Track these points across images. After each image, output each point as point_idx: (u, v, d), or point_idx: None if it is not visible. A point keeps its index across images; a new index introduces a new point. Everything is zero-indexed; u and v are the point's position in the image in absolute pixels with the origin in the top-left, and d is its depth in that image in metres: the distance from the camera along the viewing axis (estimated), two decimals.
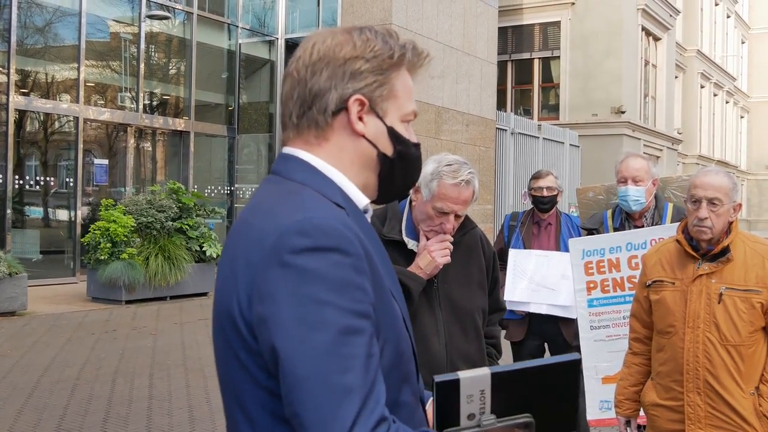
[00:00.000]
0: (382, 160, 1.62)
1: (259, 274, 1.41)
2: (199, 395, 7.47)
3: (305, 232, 1.40)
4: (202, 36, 17.78)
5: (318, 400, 1.33)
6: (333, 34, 1.61)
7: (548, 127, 24.07)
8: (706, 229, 3.34)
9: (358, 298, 1.40)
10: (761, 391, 3.34)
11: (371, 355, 1.39)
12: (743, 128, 52.04)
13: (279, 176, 1.61)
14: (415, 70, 1.68)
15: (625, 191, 4.64)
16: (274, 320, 1.37)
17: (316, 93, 1.57)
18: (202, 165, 18.14)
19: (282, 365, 1.36)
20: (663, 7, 30.71)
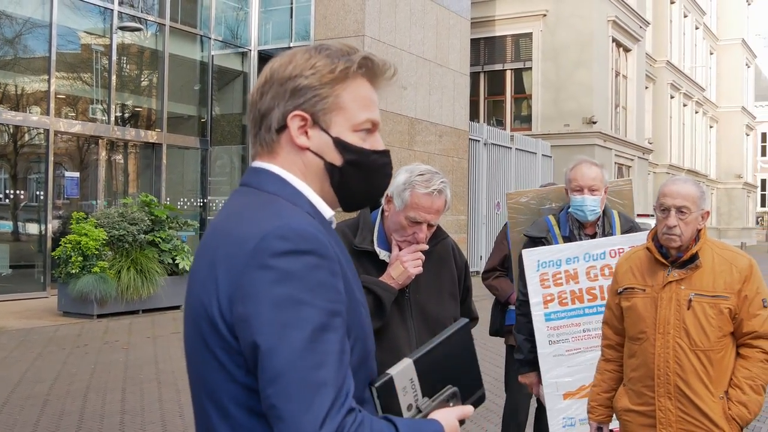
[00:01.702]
0: (331, 170, 1.69)
1: (241, 276, 1.49)
2: (172, 409, 7.42)
3: (285, 237, 1.50)
4: (174, 47, 17.73)
5: (295, 393, 1.43)
6: (284, 55, 1.72)
7: (521, 137, 24.24)
8: (675, 237, 3.39)
9: (333, 298, 1.51)
10: (730, 395, 3.39)
11: (343, 352, 1.50)
12: (712, 138, 52.63)
13: (250, 187, 1.69)
14: (377, 80, 1.75)
15: (582, 201, 4.45)
16: (255, 319, 1.46)
17: (263, 113, 1.69)
18: (174, 177, 18.06)
19: (261, 361, 1.45)
20: (633, 18, 31.07)
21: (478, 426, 7.23)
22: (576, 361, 4.45)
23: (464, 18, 20.27)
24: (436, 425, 1.66)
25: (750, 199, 58.62)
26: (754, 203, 60.93)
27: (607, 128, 28.42)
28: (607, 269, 4.42)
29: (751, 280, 3.42)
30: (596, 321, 4.41)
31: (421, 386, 1.71)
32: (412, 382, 1.70)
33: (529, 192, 5.12)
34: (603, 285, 4.42)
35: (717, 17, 52.79)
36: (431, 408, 1.70)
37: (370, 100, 1.72)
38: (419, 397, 1.70)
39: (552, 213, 4.73)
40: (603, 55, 28.16)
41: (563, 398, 4.44)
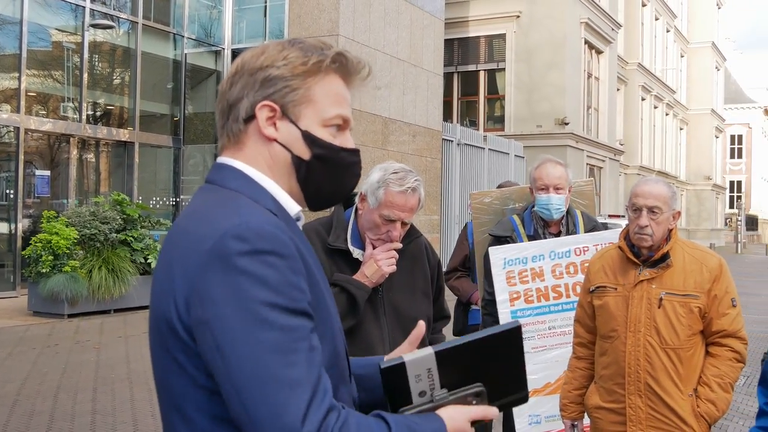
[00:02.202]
0: (297, 164, 1.66)
1: (197, 278, 1.45)
2: (144, 409, 7.38)
3: (242, 236, 1.45)
4: (147, 46, 17.61)
5: (269, 395, 1.38)
6: (256, 47, 1.69)
7: (494, 138, 24.31)
8: (646, 236, 3.44)
9: (296, 297, 1.46)
10: (699, 392, 3.44)
11: (313, 348, 1.45)
12: (682, 140, 53.13)
13: (213, 185, 1.66)
14: (351, 78, 1.72)
15: (547, 200, 4.50)
16: (216, 322, 1.41)
17: (232, 103, 1.65)
18: (146, 176, 17.95)
19: (227, 366, 1.41)
20: (605, 21, 31.28)
21: None
22: (542, 358, 4.50)
23: (438, 18, 20.30)
24: (439, 423, 1.60)
25: (719, 200, 59.25)
26: (722, 205, 61.60)
27: (579, 129, 28.59)
28: (573, 267, 4.48)
29: (720, 280, 3.48)
30: (562, 318, 4.48)
31: (443, 377, 1.64)
32: (430, 371, 1.63)
33: (492, 192, 5.18)
34: (568, 283, 4.48)
35: (688, 20, 53.29)
36: (447, 401, 1.64)
37: (342, 97, 1.70)
38: (436, 387, 1.64)
39: (516, 212, 4.78)
40: (575, 56, 28.33)
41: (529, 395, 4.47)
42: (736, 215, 56.99)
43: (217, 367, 1.43)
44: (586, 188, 5.14)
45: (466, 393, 1.65)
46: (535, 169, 4.64)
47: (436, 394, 1.64)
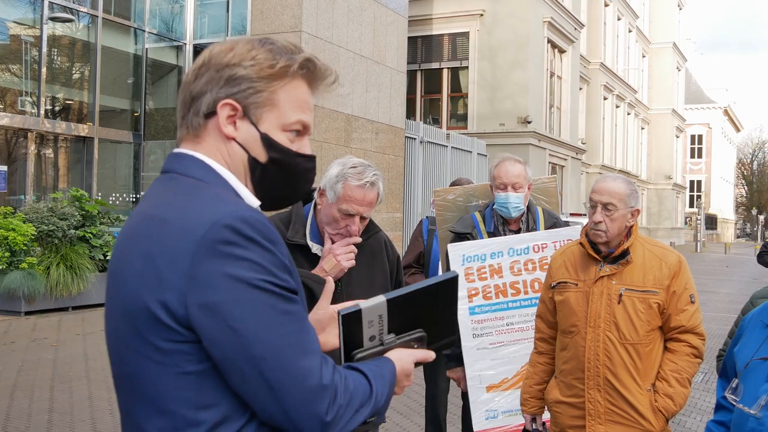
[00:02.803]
0: (253, 165, 1.68)
1: (194, 267, 1.47)
2: (102, 407, 7.29)
3: (235, 225, 1.49)
4: (107, 40, 17.40)
5: (289, 363, 1.49)
6: (225, 42, 1.71)
7: (456, 136, 24.37)
8: (600, 232, 3.49)
9: (289, 279, 1.55)
10: (657, 387, 3.48)
11: (307, 320, 1.59)
12: (644, 139, 53.71)
13: (174, 173, 1.66)
14: (316, 84, 1.74)
15: (505, 198, 4.53)
16: (225, 306, 1.46)
17: (194, 96, 1.67)
18: (106, 172, 17.73)
19: (243, 343, 1.47)
20: (568, 20, 31.51)
21: (409, 420, 7.29)
22: (499, 354, 4.54)
23: (402, 16, 20.30)
24: (391, 365, 1.75)
25: (679, 199, 59.99)
26: (683, 204, 62.38)
27: (542, 128, 28.77)
28: (531, 264, 4.52)
29: (679, 276, 3.52)
30: (519, 315, 4.52)
31: (390, 323, 1.80)
32: (381, 318, 1.78)
33: (455, 189, 5.20)
34: (526, 279, 4.53)
35: (649, 21, 53.86)
36: (394, 344, 1.80)
37: (305, 103, 1.71)
38: (385, 332, 1.79)
39: (478, 210, 4.81)
40: (538, 55, 28.49)
41: (486, 391, 4.52)
42: (695, 214, 57.79)
43: (229, 346, 1.48)
44: (549, 185, 5.17)
45: (410, 338, 1.84)
46: (494, 167, 4.67)
47: (384, 339, 1.80)
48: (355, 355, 1.75)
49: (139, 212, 1.64)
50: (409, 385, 1.84)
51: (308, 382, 1.49)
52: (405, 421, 7.27)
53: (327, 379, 1.52)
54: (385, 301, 1.78)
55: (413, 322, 1.85)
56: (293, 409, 1.49)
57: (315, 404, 1.50)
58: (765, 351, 2.67)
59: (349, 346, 1.76)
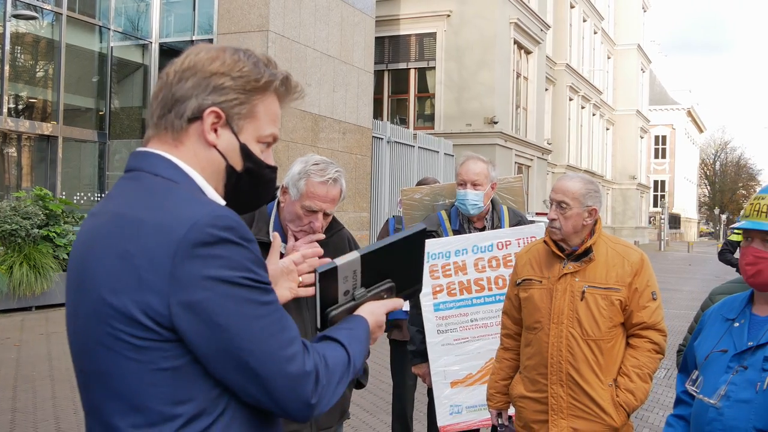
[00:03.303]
0: (229, 173, 1.74)
1: (176, 267, 1.51)
2: (66, 407, 7.23)
3: (214, 224, 1.54)
4: (71, 38, 17.22)
5: (274, 353, 1.56)
6: (210, 49, 1.74)
7: (424, 136, 24.43)
8: (555, 230, 3.57)
9: (265, 276, 1.61)
10: (618, 382, 3.53)
11: (284, 311, 1.65)
12: (608, 140, 54.18)
13: (142, 172, 1.68)
14: (285, 100, 1.81)
15: (464, 195, 4.60)
16: (209, 303, 1.51)
17: (178, 98, 1.69)
18: (70, 171, 17.55)
19: (228, 337, 1.53)
20: (534, 21, 31.70)
21: (375, 417, 7.31)
22: (463, 350, 4.59)
23: (369, 16, 20.32)
24: (364, 323, 1.86)
25: (643, 199, 60.63)
26: (647, 203, 63.06)
27: (508, 128, 28.92)
28: (495, 261, 4.57)
29: (641, 274, 3.58)
30: (483, 311, 4.58)
31: (363, 277, 1.89)
32: (355, 273, 1.87)
33: (423, 188, 5.27)
34: (490, 276, 4.58)
35: (614, 23, 54.36)
36: (366, 298, 1.91)
37: (277, 117, 1.79)
38: (358, 286, 1.89)
39: (444, 208, 4.86)
40: (505, 56, 28.64)
41: (450, 386, 4.57)
42: (659, 214, 58.38)
43: (216, 342, 1.53)
44: (515, 185, 5.23)
45: (380, 289, 1.94)
46: (459, 166, 4.77)
47: (356, 293, 1.89)
48: (330, 311, 1.84)
49: (107, 211, 1.64)
50: (381, 334, 1.96)
51: (292, 370, 1.57)
52: (371, 418, 7.30)
53: (309, 365, 1.60)
54: (359, 257, 1.86)
55: (383, 274, 1.95)
56: (281, 395, 1.57)
57: (300, 390, 1.58)
58: (724, 344, 2.74)
59: (324, 302, 1.84)
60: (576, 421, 3.52)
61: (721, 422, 2.62)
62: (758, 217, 2.65)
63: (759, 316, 2.71)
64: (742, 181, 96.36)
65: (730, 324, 2.78)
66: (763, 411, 2.53)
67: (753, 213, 2.68)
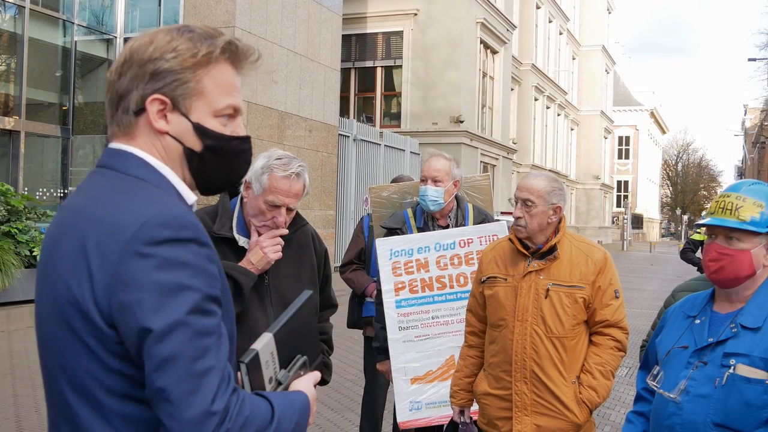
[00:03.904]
0: (189, 156, 1.69)
1: (120, 265, 1.48)
2: (28, 405, 7.15)
3: (165, 224, 1.50)
4: (34, 32, 17.00)
5: (184, 376, 1.46)
6: (145, 35, 1.68)
7: (390, 134, 24.46)
8: (520, 228, 3.60)
9: (212, 284, 1.54)
10: (582, 380, 3.57)
11: (222, 335, 1.55)
12: (573, 140, 54.57)
13: (113, 170, 1.65)
14: (242, 65, 1.74)
15: (424, 191, 4.65)
16: (140, 306, 1.46)
17: (121, 94, 1.66)
18: (33, 166, 17.33)
19: (149, 347, 1.46)
20: (500, 21, 31.86)
21: (340, 416, 7.31)
22: (424, 346, 4.61)
23: (336, 13, 20.29)
24: (302, 395, 1.76)
25: (607, 199, 61.14)
26: (610, 203, 63.60)
27: (474, 128, 29.04)
28: (457, 258, 4.61)
29: (605, 272, 3.62)
30: (445, 308, 4.61)
31: (279, 358, 1.79)
32: (273, 355, 1.76)
33: (391, 186, 5.30)
34: (452, 274, 4.62)
35: (580, 24, 54.73)
36: (289, 379, 1.80)
37: (233, 86, 1.72)
38: (278, 369, 1.78)
39: (411, 206, 4.89)
40: (471, 55, 28.76)
41: (411, 383, 4.59)
42: (622, 214, 58.94)
43: (138, 347, 1.48)
44: (482, 183, 5.26)
45: (297, 367, 1.84)
46: (422, 162, 4.81)
47: (279, 377, 1.78)
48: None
49: (73, 206, 1.63)
50: (315, 408, 1.86)
51: (198, 401, 1.46)
52: (336, 417, 7.29)
53: (219, 405, 1.47)
54: (272, 336, 1.77)
55: (293, 350, 1.86)
56: (180, 424, 1.46)
57: (200, 426, 1.45)
58: (685, 340, 2.79)
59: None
60: (539, 418, 3.55)
61: (680, 416, 2.67)
62: (723, 214, 2.70)
63: (719, 314, 2.76)
64: (704, 182, 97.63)
65: (691, 321, 2.83)
66: (722, 406, 2.58)
67: (718, 210, 2.72)
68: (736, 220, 2.66)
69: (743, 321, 2.65)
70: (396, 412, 4.63)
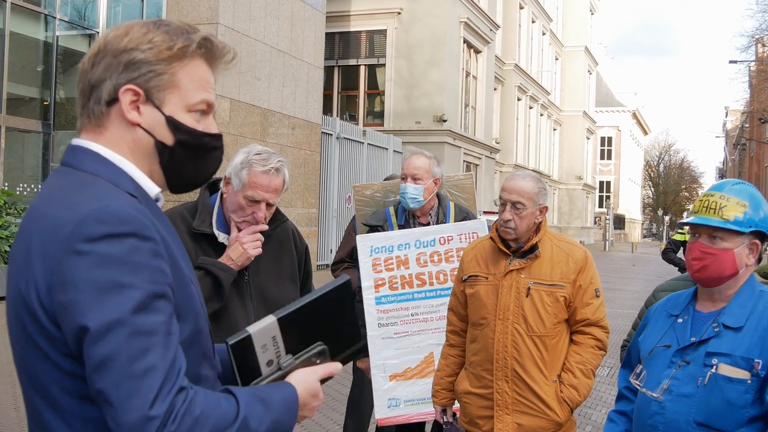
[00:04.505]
0: (161, 149, 1.66)
1: (58, 263, 1.45)
2: (6, 402, 7.09)
3: (102, 220, 1.46)
4: (16, 26, 16.87)
5: (122, 377, 1.41)
6: (120, 27, 1.66)
7: (373, 133, 24.46)
8: (509, 230, 3.58)
9: (157, 280, 1.48)
10: (562, 378, 3.57)
11: (170, 333, 1.48)
12: (555, 140, 54.77)
13: (70, 167, 1.63)
14: (216, 63, 1.73)
15: (404, 188, 4.68)
16: (76, 305, 1.42)
17: (93, 84, 1.64)
18: (13, 162, 17.20)
19: (87, 347, 1.42)
20: (484, 21, 31.92)
21: (324, 416, 7.29)
22: (403, 343, 4.62)
23: (320, 11, 20.27)
24: (290, 389, 1.69)
25: (589, 199, 61.41)
26: (592, 204, 63.88)
27: (457, 127, 29.10)
28: (437, 256, 4.62)
29: (585, 271, 3.62)
30: (425, 306, 4.62)
31: (287, 343, 1.72)
32: (275, 339, 1.70)
33: (374, 185, 5.31)
34: (432, 271, 4.63)
35: (563, 24, 54.93)
36: (294, 365, 1.72)
37: (207, 82, 1.70)
38: (282, 353, 1.71)
39: (394, 204, 4.91)
40: (454, 55, 28.80)
41: (389, 380, 4.59)
42: (604, 214, 59.22)
43: (77, 347, 1.44)
44: (465, 182, 5.27)
45: (309, 354, 1.74)
46: (404, 160, 4.82)
47: (282, 362, 1.71)
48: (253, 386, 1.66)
49: (31, 206, 1.62)
50: (320, 404, 1.79)
51: (138, 405, 1.41)
52: (320, 416, 7.27)
53: (159, 408, 1.41)
54: (275, 321, 1.70)
55: (311, 337, 1.76)
56: (120, 428, 1.42)
57: (141, 427, 1.41)
58: (668, 339, 2.79)
59: (246, 377, 1.68)
60: (521, 417, 3.55)
61: (662, 416, 2.67)
62: (707, 213, 2.70)
63: (702, 313, 2.76)
64: (685, 184, 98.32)
65: (674, 320, 2.83)
66: (704, 405, 2.58)
67: (702, 209, 2.73)
68: (720, 219, 2.66)
69: (725, 320, 2.66)
70: (375, 409, 4.64)
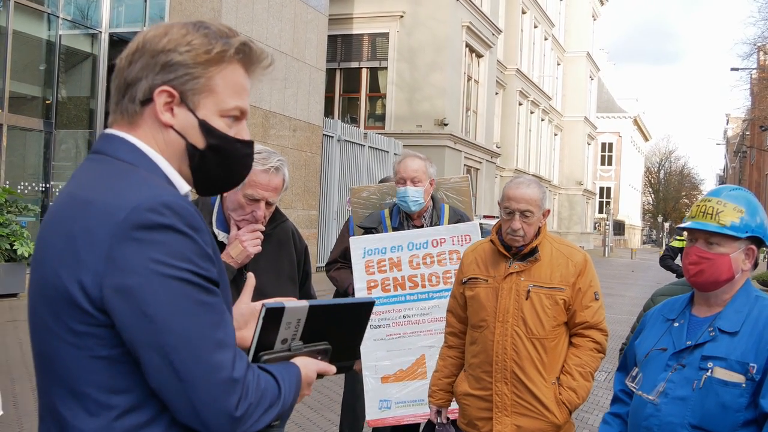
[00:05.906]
0: (192, 152, 1.66)
1: (112, 249, 1.46)
2: (6, 399, 7.09)
3: (157, 209, 1.48)
4: (19, 24, 16.89)
5: (201, 355, 1.47)
6: (159, 26, 1.67)
7: (374, 135, 24.48)
8: (518, 238, 3.60)
9: (209, 268, 1.53)
10: (561, 380, 3.60)
11: (225, 313, 1.56)
12: (556, 145, 54.77)
13: (104, 155, 1.63)
14: (253, 69, 1.74)
15: (404, 192, 4.67)
16: (140, 290, 1.45)
17: (129, 82, 1.64)
18: (15, 160, 17.21)
19: (155, 330, 1.45)
20: (486, 25, 31.95)
21: (320, 415, 7.31)
22: (395, 345, 4.65)
23: (322, 14, 20.30)
24: (297, 370, 1.74)
25: (589, 205, 61.40)
26: (592, 209, 63.87)
27: (458, 131, 29.11)
28: (429, 258, 4.64)
29: (585, 274, 3.64)
30: (417, 308, 4.65)
31: (304, 330, 1.79)
32: (299, 322, 1.77)
33: (370, 187, 5.35)
34: (424, 273, 4.65)
35: (565, 30, 54.96)
36: (301, 351, 1.80)
37: (242, 88, 1.70)
38: (297, 337, 1.79)
39: (389, 207, 4.93)
40: (456, 59, 28.83)
41: (381, 381, 4.62)
42: (604, 220, 59.21)
43: (141, 332, 1.46)
44: (462, 185, 5.29)
45: (316, 349, 1.83)
46: (397, 164, 4.82)
47: (293, 344, 1.79)
48: (262, 356, 1.73)
49: (65, 193, 1.61)
50: (308, 394, 1.84)
51: (219, 376, 1.47)
52: (315, 415, 7.30)
53: (239, 373, 1.50)
54: (308, 306, 1.77)
55: (322, 335, 1.85)
56: (201, 403, 1.47)
57: (224, 399, 1.47)
58: (664, 342, 2.82)
59: (261, 344, 1.74)
60: (520, 419, 3.57)
61: (658, 418, 2.70)
62: (704, 218, 2.73)
63: (698, 317, 2.79)
64: (686, 190, 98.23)
65: (670, 324, 2.86)
66: (699, 408, 2.61)
67: (699, 214, 2.75)
68: (717, 224, 2.69)
69: (721, 325, 2.68)
70: (366, 410, 4.66)
